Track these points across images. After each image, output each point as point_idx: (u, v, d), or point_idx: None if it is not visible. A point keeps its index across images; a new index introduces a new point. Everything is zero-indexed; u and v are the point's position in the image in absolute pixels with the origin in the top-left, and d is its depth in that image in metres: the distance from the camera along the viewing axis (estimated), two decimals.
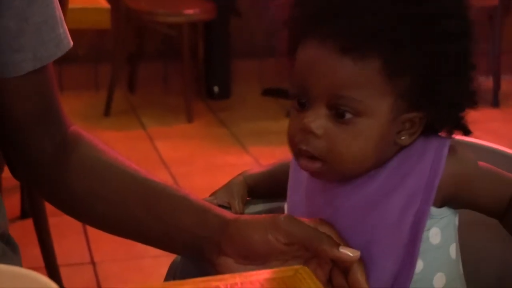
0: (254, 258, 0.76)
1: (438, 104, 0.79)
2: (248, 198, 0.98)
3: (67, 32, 0.84)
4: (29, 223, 1.80)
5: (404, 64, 0.77)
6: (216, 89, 3.43)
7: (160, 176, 0.86)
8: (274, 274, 0.65)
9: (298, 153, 0.80)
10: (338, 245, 0.75)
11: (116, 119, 3.13)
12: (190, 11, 3.10)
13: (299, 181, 0.89)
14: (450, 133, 0.83)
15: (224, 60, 3.46)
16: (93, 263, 2.04)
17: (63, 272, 1.83)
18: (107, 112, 3.15)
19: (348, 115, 0.77)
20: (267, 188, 0.99)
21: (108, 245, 2.05)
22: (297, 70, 0.80)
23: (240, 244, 0.78)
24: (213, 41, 3.41)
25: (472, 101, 0.81)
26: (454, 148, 0.81)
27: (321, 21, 0.78)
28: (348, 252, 0.75)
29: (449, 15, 0.78)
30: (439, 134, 0.83)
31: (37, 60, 0.80)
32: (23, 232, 1.78)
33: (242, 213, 0.94)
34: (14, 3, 0.77)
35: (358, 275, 0.76)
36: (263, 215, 0.80)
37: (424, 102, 0.79)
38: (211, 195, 0.98)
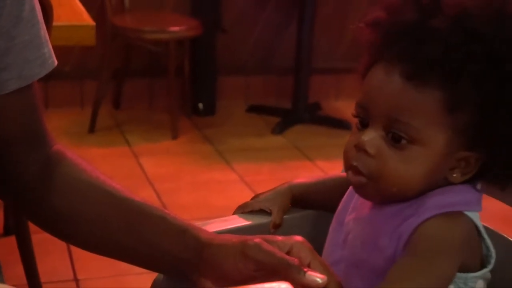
0: (229, 283, 0.78)
1: (495, 147, 0.79)
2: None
3: (52, 51, 0.85)
4: (12, 240, 1.79)
5: (465, 100, 0.77)
6: (201, 105, 3.43)
7: (145, 193, 0.87)
8: None
9: (348, 168, 0.82)
10: (305, 271, 0.75)
11: (101, 136, 3.12)
12: (176, 28, 3.10)
13: (352, 200, 0.90)
14: (502, 185, 0.82)
15: (210, 77, 3.47)
16: (76, 280, 2.03)
17: None
18: (92, 129, 3.14)
19: (403, 141, 0.78)
20: (313, 198, 1.02)
21: (92, 262, 2.03)
22: (364, 90, 0.82)
23: (215, 270, 0.80)
24: (199, 58, 3.42)
25: None
26: (458, 214, 0.80)
27: (388, 45, 0.80)
28: (315, 278, 0.75)
29: None
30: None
31: (22, 79, 0.81)
32: (6, 250, 1.77)
33: (280, 223, 0.97)
34: (1, 23, 0.77)
35: None
36: (234, 240, 0.81)
37: (481, 142, 0.78)
38: (254, 197, 1.01)
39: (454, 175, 0.81)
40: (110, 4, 3.11)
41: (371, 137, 0.79)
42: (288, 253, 0.78)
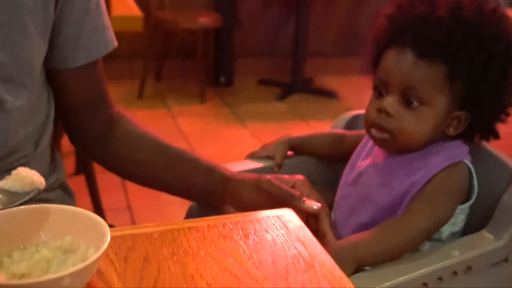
0: (246, 208, 0.77)
1: (480, 107, 0.80)
2: (290, 153, 1.01)
3: (113, 35, 0.83)
4: (81, 178, 1.81)
5: (461, 72, 0.77)
6: (222, 79, 3.42)
7: (180, 145, 0.87)
8: (266, 214, 0.66)
9: (371, 126, 0.82)
10: (304, 200, 0.76)
11: (147, 102, 3.11)
12: (203, 20, 3.08)
13: (365, 150, 0.91)
14: (483, 137, 0.83)
15: (229, 57, 3.44)
16: (129, 208, 2.05)
17: (107, 215, 1.84)
18: (140, 96, 3.13)
19: (414, 103, 0.79)
20: (306, 148, 1.02)
21: (141, 195, 2.06)
22: (382, 69, 0.82)
23: (235, 198, 0.80)
24: (220, 43, 3.39)
25: (506, 112, 0.82)
26: (456, 166, 0.80)
27: (404, 32, 0.80)
28: (312, 206, 0.76)
29: (498, 40, 0.78)
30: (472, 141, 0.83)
31: (89, 57, 0.80)
32: (77, 185, 1.79)
33: (281, 165, 0.97)
34: (73, 14, 0.76)
35: (324, 220, 0.77)
36: (251, 176, 0.81)
37: (470, 104, 0.79)
38: (262, 147, 1.01)
39: (450, 129, 0.81)
40: (154, 1, 3.08)
41: (390, 101, 0.80)
42: (292, 187, 0.78)
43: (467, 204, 0.82)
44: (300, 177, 0.80)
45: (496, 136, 0.83)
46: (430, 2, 0.79)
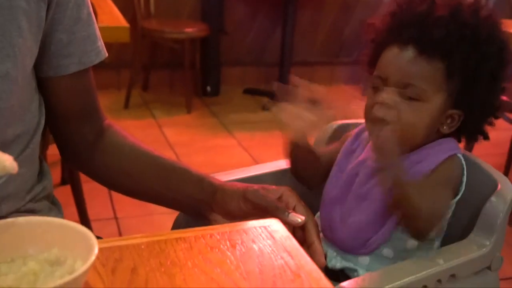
0: (233, 218, 0.78)
1: (472, 106, 0.82)
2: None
3: (103, 46, 0.83)
4: (67, 188, 1.80)
5: (456, 71, 0.80)
6: (208, 88, 3.42)
7: (167, 155, 0.87)
8: (253, 224, 0.66)
9: (372, 121, 0.83)
10: (288, 213, 0.75)
11: (133, 112, 3.11)
12: (190, 30, 3.08)
13: (353, 150, 0.91)
14: (473, 137, 0.85)
15: (215, 67, 3.45)
16: (116, 218, 2.04)
17: (94, 225, 1.83)
18: (126, 106, 3.13)
19: (412, 99, 0.80)
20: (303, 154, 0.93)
21: (128, 205, 2.05)
22: (381, 65, 0.84)
23: (223, 208, 0.80)
24: (207, 53, 3.40)
25: (496, 113, 0.84)
26: (452, 158, 0.82)
27: (406, 29, 0.81)
28: (296, 218, 0.76)
29: (491, 43, 0.81)
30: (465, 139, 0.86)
31: (81, 64, 0.79)
32: (63, 195, 1.78)
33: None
34: (65, 20, 0.76)
35: (311, 230, 0.76)
36: (238, 186, 0.81)
37: (463, 103, 0.81)
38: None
39: (444, 127, 0.84)
40: (140, 11, 3.08)
41: (390, 95, 0.81)
42: (279, 198, 0.78)
43: (455, 200, 0.84)
44: (287, 188, 0.80)
45: (486, 137, 0.86)
46: (430, 2, 0.82)
